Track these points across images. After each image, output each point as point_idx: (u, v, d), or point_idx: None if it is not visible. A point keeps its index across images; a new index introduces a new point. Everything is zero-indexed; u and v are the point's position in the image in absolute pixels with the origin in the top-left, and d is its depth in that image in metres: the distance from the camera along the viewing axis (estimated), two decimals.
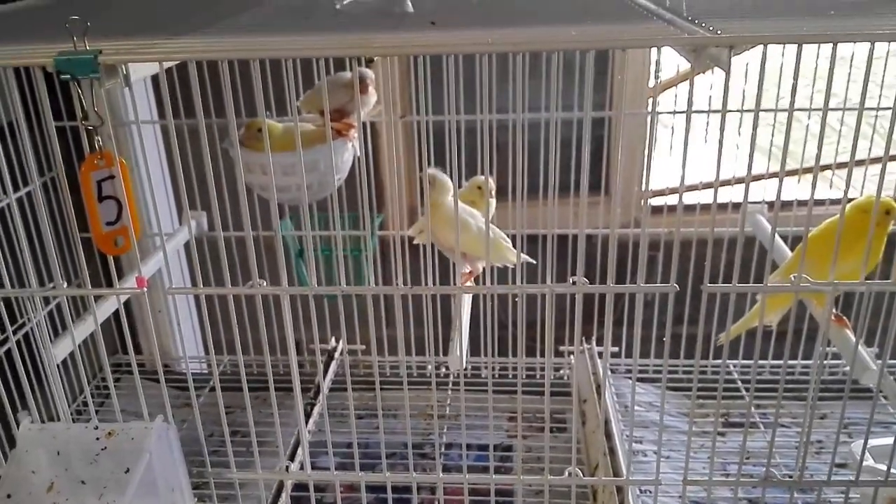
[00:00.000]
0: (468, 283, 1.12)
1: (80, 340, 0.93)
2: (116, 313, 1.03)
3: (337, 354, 1.42)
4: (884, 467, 0.83)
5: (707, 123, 1.30)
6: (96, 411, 1.36)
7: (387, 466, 0.90)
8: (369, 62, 0.90)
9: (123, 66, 0.65)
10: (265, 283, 0.77)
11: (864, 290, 0.73)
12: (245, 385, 0.85)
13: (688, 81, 0.68)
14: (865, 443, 0.82)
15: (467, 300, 1.03)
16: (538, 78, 1.31)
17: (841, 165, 1.36)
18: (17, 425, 0.79)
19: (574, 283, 0.74)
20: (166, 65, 0.72)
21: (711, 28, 0.65)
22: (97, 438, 0.74)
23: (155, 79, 1.04)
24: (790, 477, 1.12)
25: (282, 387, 0.95)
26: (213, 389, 1.45)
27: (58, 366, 0.89)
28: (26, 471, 0.73)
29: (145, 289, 0.74)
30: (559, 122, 1.17)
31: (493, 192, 1.11)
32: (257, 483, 0.95)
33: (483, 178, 1.09)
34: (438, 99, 1.27)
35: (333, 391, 1.39)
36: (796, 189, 1.35)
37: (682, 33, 0.62)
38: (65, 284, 0.75)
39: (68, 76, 0.64)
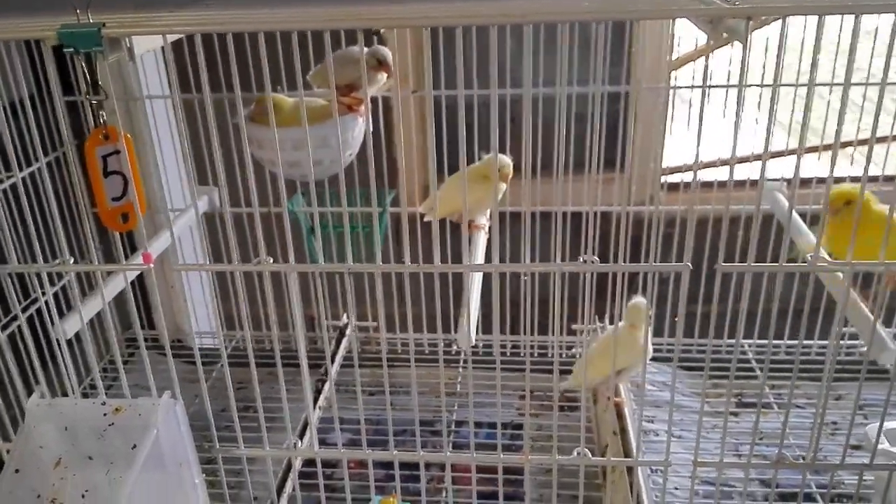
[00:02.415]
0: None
1: (88, 318, 0.92)
2: (132, 288, 1.03)
3: (348, 331, 1.41)
4: None
5: (726, 98, 1.27)
6: (109, 387, 1.37)
7: (396, 444, 0.90)
8: (376, 34, 0.88)
9: (127, 39, 0.64)
10: (271, 260, 0.76)
11: (883, 269, 0.71)
12: (252, 361, 0.85)
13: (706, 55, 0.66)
14: (881, 426, 0.80)
15: (478, 277, 1.01)
16: (553, 52, 1.28)
17: (862, 142, 1.33)
18: None
19: (585, 261, 0.73)
20: (171, 38, 0.71)
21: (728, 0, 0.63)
22: (105, 414, 0.74)
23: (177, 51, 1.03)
24: (803, 458, 1.11)
25: (293, 363, 0.95)
26: (223, 365, 1.46)
27: (68, 342, 0.89)
28: (34, 446, 0.74)
29: (151, 265, 0.74)
30: (574, 97, 1.15)
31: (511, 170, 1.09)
32: (266, 459, 0.95)
33: (503, 157, 1.07)
34: (453, 72, 1.25)
35: (344, 367, 1.39)
36: (817, 166, 1.32)
37: (699, 4, 0.60)
38: (72, 261, 0.75)
39: (71, 49, 0.63)
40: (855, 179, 1.32)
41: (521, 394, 1.36)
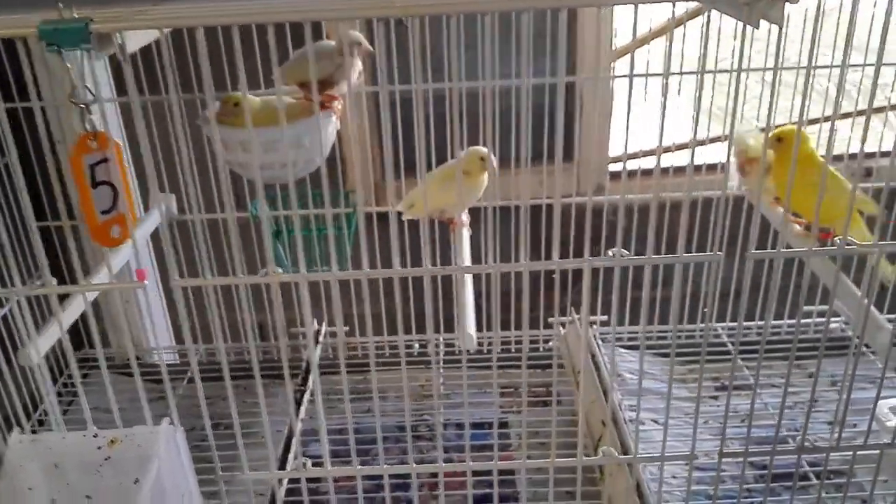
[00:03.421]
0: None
1: (48, 346, 0.85)
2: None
3: (321, 337, 1.36)
4: None
5: (662, 84, 1.27)
6: (65, 412, 1.28)
7: (381, 451, 0.87)
8: (399, 24, 0.83)
9: (119, 35, 0.58)
10: (280, 271, 0.71)
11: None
12: (228, 374, 0.79)
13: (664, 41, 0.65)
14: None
15: (470, 276, 0.98)
16: (507, 43, 1.26)
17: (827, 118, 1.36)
18: None
19: (614, 255, 0.71)
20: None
21: None
22: (99, 447, 0.68)
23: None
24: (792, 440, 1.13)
25: (265, 374, 0.90)
26: (190, 381, 1.38)
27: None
28: (22, 488, 0.67)
29: (146, 282, 0.67)
30: (531, 89, 1.14)
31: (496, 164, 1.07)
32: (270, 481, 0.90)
33: (483, 148, 1.05)
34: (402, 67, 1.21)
35: (321, 374, 1.34)
36: None
37: None
38: (55, 282, 0.68)
39: (55, 48, 0.57)
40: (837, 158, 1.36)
41: (503, 391, 1.34)
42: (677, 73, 1.28)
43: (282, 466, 1.03)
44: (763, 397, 1.28)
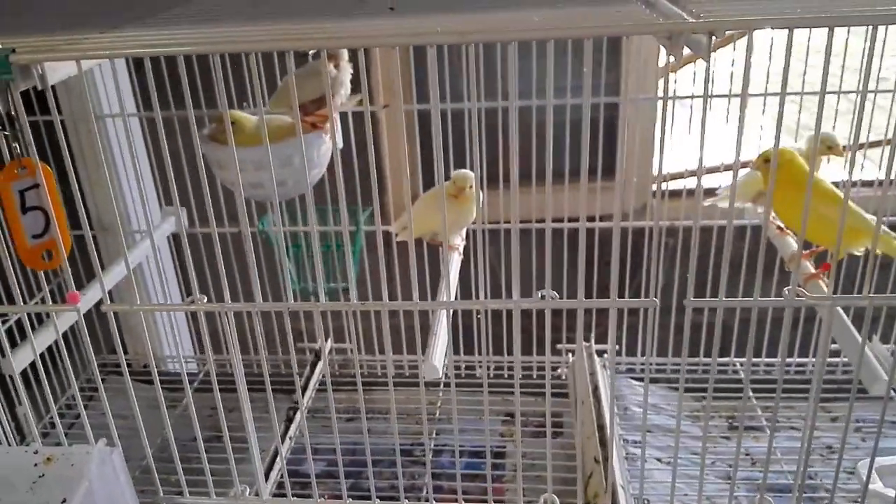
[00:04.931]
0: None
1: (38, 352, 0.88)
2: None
3: (325, 354, 1.36)
4: (891, 493, 0.76)
5: (728, 103, 1.21)
6: (76, 416, 1.32)
7: (375, 474, 0.85)
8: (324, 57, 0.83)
9: (39, 67, 0.59)
10: (205, 299, 0.71)
11: (868, 303, 0.65)
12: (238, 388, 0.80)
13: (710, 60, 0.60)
14: (870, 471, 0.74)
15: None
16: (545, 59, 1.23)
17: (874, 144, 1.28)
18: None
19: (542, 297, 0.67)
20: (88, 64, 0.66)
21: (694, 11, 0.58)
22: (35, 464, 0.69)
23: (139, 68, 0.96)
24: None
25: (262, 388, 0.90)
26: (198, 390, 1.41)
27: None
28: None
29: (78, 305, 0.69)
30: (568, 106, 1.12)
31: (472, 188, 1.04)
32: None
33: (466, 172, 1.03)
34: (438, 85, 1.20)
35: (321, 391, 1.34)
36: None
37: (657, 18, 0.55)
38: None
39: None
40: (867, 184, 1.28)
41: (504, 418, 1.30)
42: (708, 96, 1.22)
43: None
44: (778, 439, 1.20)
